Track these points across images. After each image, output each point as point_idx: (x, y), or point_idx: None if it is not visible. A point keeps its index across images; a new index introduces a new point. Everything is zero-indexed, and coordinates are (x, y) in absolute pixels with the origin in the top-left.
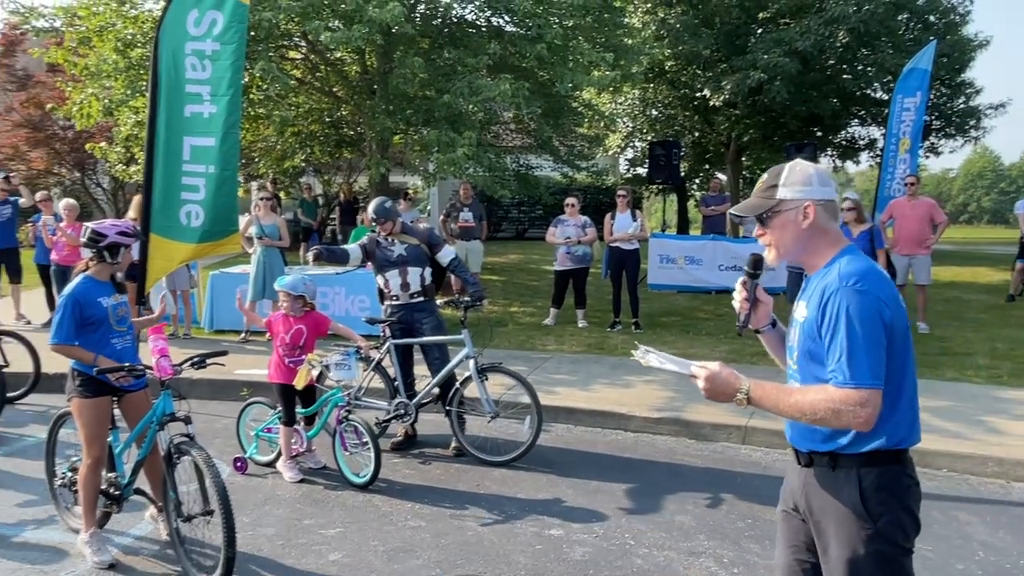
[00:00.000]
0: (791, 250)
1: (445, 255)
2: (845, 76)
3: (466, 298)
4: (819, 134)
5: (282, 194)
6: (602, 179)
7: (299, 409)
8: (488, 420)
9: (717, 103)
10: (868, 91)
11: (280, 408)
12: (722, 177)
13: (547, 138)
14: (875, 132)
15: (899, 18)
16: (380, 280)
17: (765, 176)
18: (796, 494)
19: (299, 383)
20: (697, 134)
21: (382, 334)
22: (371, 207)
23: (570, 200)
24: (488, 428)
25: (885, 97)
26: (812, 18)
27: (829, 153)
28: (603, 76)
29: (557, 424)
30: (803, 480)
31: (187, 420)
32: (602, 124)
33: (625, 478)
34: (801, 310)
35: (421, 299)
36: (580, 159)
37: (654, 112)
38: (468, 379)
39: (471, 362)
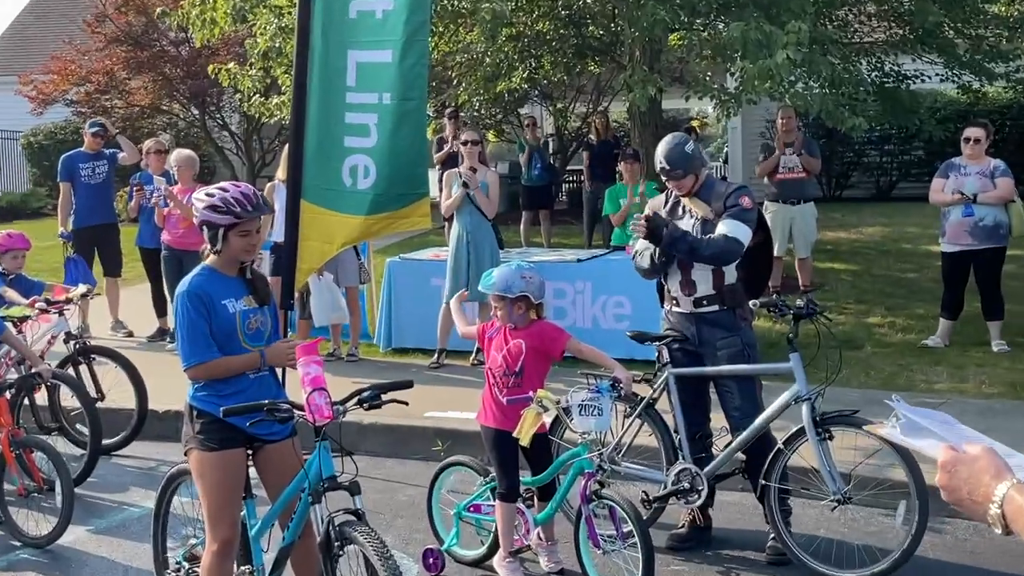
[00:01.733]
0: None
1: (725, 227)
2: None
3: (798, 301)
4: None
5: (490, 135)
6: None
7: (524, 477)
8: (832, 507)
9: None
10: None
11: (494, 473)
12: None
13: (933, 26)
14: None
15: None
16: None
17: None
18: None
19: (523, 435)
20: None
21: (657, 359)
22: (661, 150)
23: (972, 132)
24: (832, 520)
25: None
26: None
27: None
28: None
29: (957, 520)
30: None
31: (354, 489)
32: None
33: None
34: None
35: (715, 308)
36: (993, 59)
37: None
38: (798, 435)
39: (804, 408)
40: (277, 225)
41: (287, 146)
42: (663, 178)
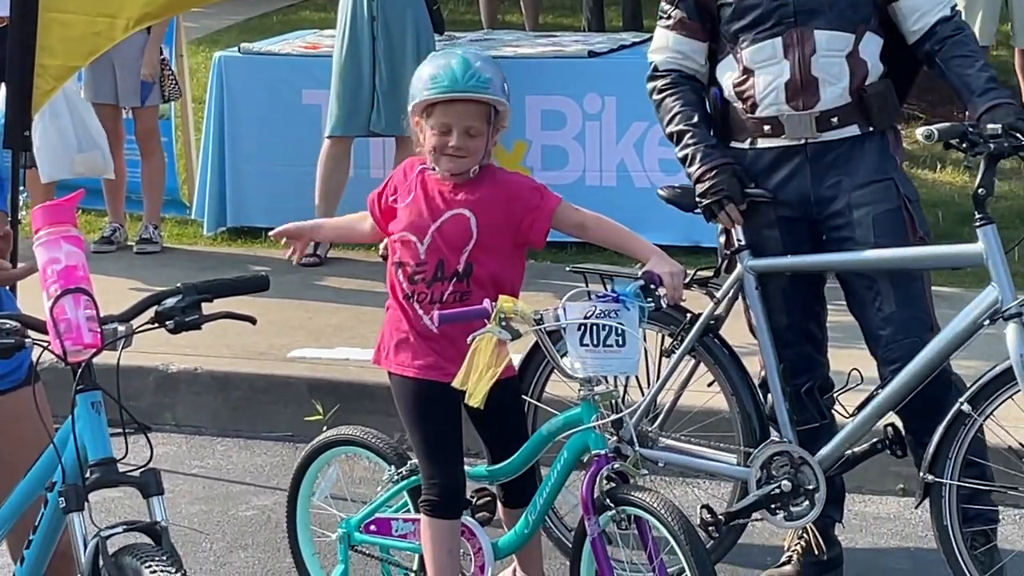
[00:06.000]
0: None
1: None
2: None
3: (994, 125)
4: None
5: None
6: None
7: (474, 467)
8: None
9: None
10: None
11: (415, 462)
12: None
13: None
14: None
15: None
16: (727, 65)
17: None
18: None
19: (472, 386)
20: None
21: (723, 247)
22: None
23: None
24: None
25: None
26: None
27: None
28: None
29: None
30: None
31: (149, 486)
32: None
33: None
34: None
35: (852, 130)
36: None
37: None
38: (998, 385)
39: (1011, 331)
40: None
41: None
42: None
